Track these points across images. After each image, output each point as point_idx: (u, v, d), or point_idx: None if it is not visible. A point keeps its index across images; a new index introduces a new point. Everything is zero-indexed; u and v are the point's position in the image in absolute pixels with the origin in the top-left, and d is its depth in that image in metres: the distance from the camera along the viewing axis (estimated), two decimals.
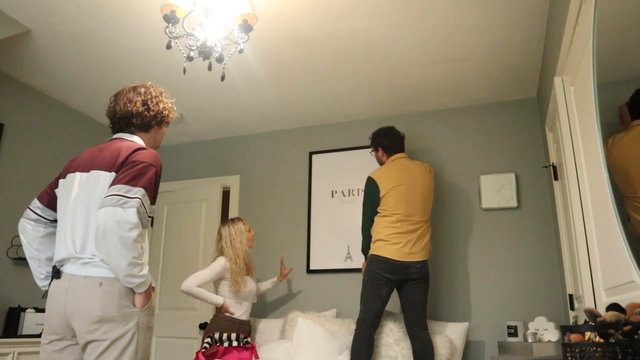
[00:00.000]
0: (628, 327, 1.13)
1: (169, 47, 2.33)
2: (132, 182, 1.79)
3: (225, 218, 4.49)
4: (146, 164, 1.86)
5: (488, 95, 3.84)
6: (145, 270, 1.81)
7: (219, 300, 3.28)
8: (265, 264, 4.18)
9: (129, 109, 2.01)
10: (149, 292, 1.86)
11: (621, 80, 1.59)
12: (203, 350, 3.08)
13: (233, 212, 4.43)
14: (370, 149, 3.56)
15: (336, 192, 4.16)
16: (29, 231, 1.98)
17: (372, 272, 3.06)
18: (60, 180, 1.99)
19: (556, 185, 3.12)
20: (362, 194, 4.07)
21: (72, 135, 4.07)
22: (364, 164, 4.11)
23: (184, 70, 2.46)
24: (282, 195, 4.35)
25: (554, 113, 2.73)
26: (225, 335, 3.18)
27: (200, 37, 2.37)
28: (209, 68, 2.49)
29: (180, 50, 2.51)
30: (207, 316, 4.15)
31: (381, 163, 3.45)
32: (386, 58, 3.32)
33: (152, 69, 3.46)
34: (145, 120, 2.04)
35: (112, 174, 1.85)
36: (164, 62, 3.37)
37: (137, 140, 2.02)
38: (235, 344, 3.17)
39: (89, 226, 1.84)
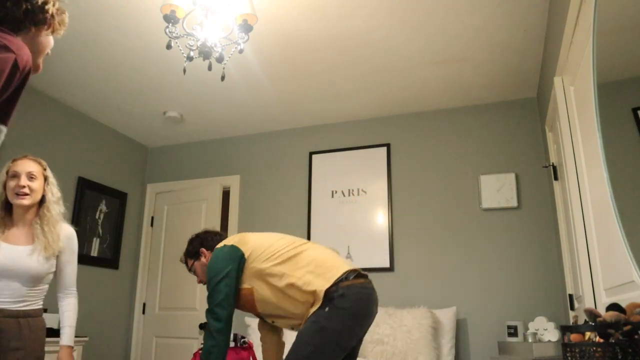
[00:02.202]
0: (628, 327, 1.13)
1: (169, 47, 2.33)
2: None
3: (225, 218, 4.51)
4: (1, 44, 1.10)
5: (488, 95, 3.84)
6: None
7: None
8: None
9: None
10: None
11: (621, 80, 1.58)
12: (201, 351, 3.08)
13: (233, 212, 4.44)
14: (191, 263, 2.28)
15: (336, 192, 4.16)
16: None
17: (346, 311, 1.80)
18: None
19: (556, 185, 3.12)
20: (362, 193, 4.08)
21: (72, 135, 4.06)
22: (364, 164, 4.12)
23: (184, 70, 2.46)
24: (282, 195, 4.35)
25: (554, 113, 2.73)
26: None
27: (200, 37, 2.37)
28: (209, 68, 2.49)
29: (180, 50, 2.51)
30: None
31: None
32: (386, 58, 3.32)
33: (152, 69, 3.45)
34: (12, 13, 1.24)
35: None
36: (164, 62, 3.37)
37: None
38: (232, 344, 3.18)
39: None
